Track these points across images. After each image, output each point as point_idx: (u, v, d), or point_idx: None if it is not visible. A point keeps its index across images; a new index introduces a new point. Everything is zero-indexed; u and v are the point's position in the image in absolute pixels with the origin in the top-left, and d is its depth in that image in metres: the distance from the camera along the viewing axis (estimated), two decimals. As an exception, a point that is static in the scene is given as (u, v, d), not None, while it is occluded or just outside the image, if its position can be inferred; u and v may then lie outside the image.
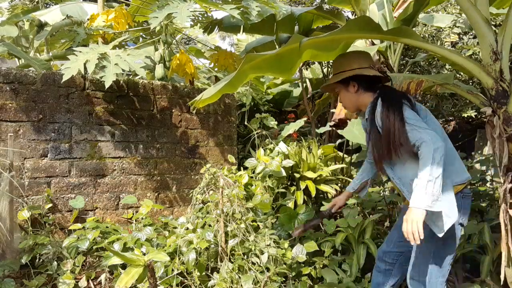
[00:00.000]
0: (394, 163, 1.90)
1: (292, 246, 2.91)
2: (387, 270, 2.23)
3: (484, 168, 4.02)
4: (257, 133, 3.82)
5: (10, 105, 3.00)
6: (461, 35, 5.94)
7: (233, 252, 2.79)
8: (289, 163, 3.27)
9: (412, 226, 1.65)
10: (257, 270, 2.64)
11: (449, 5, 6.29)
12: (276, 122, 4.55)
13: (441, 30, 5.88)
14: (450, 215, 1.75)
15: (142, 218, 3.20)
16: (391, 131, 1.79)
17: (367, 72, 1.94)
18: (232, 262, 2.71)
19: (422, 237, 1.67)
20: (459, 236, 1.91)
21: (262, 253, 2.69)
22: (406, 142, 1.78)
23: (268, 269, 2.62)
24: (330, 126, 4.08)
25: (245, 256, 2.75)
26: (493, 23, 5.20)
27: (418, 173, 1.71)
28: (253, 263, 2.66)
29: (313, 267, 2.77)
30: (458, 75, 5.67)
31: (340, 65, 2.04)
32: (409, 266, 1.98)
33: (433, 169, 1.66)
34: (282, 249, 2.78)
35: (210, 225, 3.04)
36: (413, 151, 1.80)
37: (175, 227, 3.12)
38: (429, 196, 1.65)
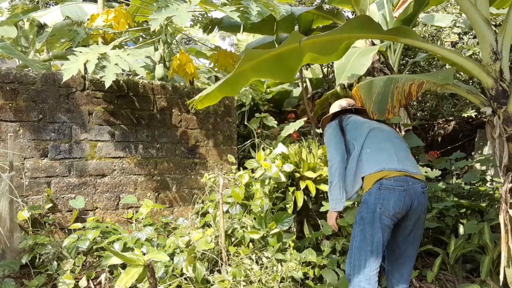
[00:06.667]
0: None
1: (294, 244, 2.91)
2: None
3: (484, 168, 4.02)
4: (257, 133, 3.82)
5: (10, 105, 3.00)
6: (461, 35, 5.94)
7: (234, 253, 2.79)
8: (289, 167, 3.25)
9: (329, 222, 2.41)
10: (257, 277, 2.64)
11: (449, 5, 6.28)
12: (276, 122, 4.55)
13: (441, 30, 5.88)
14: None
15: (142, 218, 3.20)
16: None
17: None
18: (230, 265, 2.70)
19: (336, 230, 2.45)
20: (381, 222, 2.16)
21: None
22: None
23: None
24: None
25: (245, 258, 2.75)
26: (493, 23, 5.20)
27: None
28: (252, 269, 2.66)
29: (311, 266, 2.77)
30: (458, 75, 5.66)
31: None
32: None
33: (330, 180, 2.35)
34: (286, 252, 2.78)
35: (209, 226, 3.04)
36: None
37: (175, 227, 3.11)
38: (332, 201, 2.35)
